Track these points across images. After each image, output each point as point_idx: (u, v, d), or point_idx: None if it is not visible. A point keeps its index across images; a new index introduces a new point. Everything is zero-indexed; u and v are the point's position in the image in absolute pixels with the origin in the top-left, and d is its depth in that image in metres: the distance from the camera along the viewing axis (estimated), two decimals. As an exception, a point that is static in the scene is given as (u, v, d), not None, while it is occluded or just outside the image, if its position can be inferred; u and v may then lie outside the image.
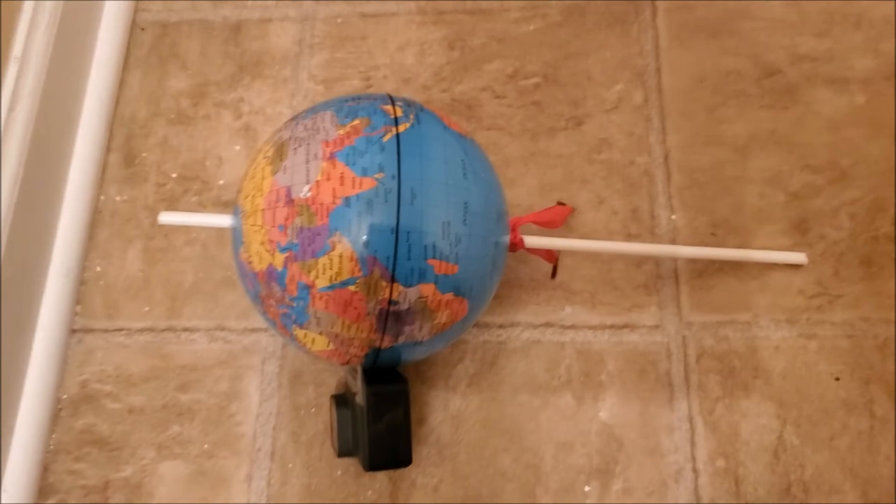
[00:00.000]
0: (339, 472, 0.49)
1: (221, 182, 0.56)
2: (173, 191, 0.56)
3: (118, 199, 0.56)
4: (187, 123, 0.58)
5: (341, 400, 0.46)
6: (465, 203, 0.38)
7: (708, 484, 0.48)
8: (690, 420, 0.50)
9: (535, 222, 0.49)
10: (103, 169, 0.57)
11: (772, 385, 0.50)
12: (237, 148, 0.57)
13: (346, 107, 0.40)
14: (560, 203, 0.54)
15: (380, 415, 0.41)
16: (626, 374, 0.51)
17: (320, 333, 0.39)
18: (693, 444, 0.49)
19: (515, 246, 0.45)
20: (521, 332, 0.52)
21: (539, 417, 0.50)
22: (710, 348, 0.51)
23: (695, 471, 0.49)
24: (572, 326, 0.52)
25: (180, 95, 0.59)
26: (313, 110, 0.41)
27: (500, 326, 0.52)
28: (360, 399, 0.42)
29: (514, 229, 0.45)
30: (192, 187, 0.56)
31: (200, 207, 0.55)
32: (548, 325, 0.52)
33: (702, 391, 0.50)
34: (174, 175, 0.56)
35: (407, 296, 0.37)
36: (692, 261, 0.53)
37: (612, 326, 0.52)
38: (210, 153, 0.57)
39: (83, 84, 0.58)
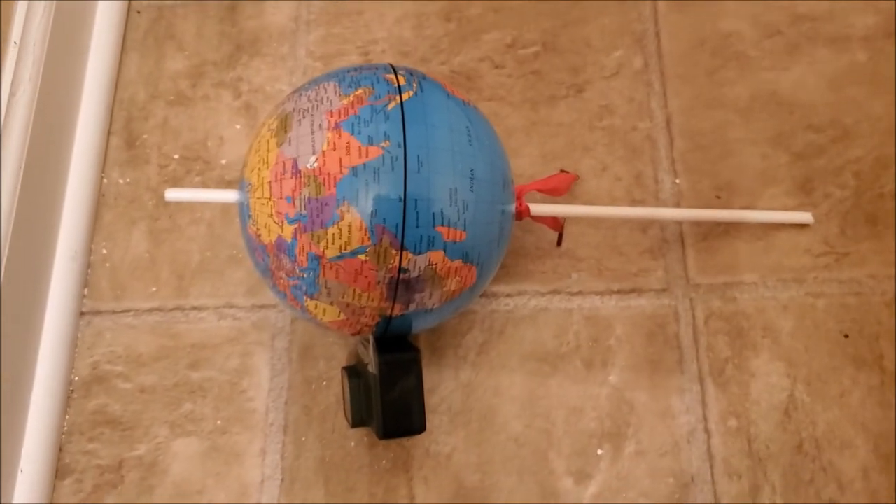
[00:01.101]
0: (352, 444, 0.49)
1: (223, 161, 0.56)
2: (176, 172, 0.56)
3: (121, 181, 0.56)
4: (187, 104, 0.58)
5: (353, 371, 0.46)
6: (472, 170, 0.38)
7: (720, 444, 0.48)
8: (701, 381, 0.50)
9: (539, 190, 0.49)
10: (105, 152, 0.57)
11: (781, 344, 0.50)
12: (238, 127, 0.57)
13: (349, 77, 0.40)
14: (563, 171, 0.54)
15: (392, 383, 0.41)
16: (635, 338, 0.51)
17: (331, 304, 0.39)
18: (704, 404, 0.49)
19: (521, 214, 0.45)
20: (528, 301, 0.52)
21: (549, 383, 0.50)
22: (718, 310, 0.51)
23: (707, 431, 0.49)
24: (579, 293, 0.52)
25: (178, 77, 0.59)
26: (315, 82, 0.41)
27: (508, 296, 0.52)
28: (372, 368, 0.42)
29: (519, 197, 0.45)
30: (195, 168, 0.56)
31: (204, 187, 0.55)
32: (555, 292, 0.52)
33: (711, 352, 0.50)
34: (176, 156, 0.56)
35: (416, 263, 0.37)
36: (697, 224, 0.53)
37: (619, 292, 0.52)
38: (211, 133, 0.57)
39: (82, 68, 0.58)
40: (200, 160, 0.56)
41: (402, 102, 0.38)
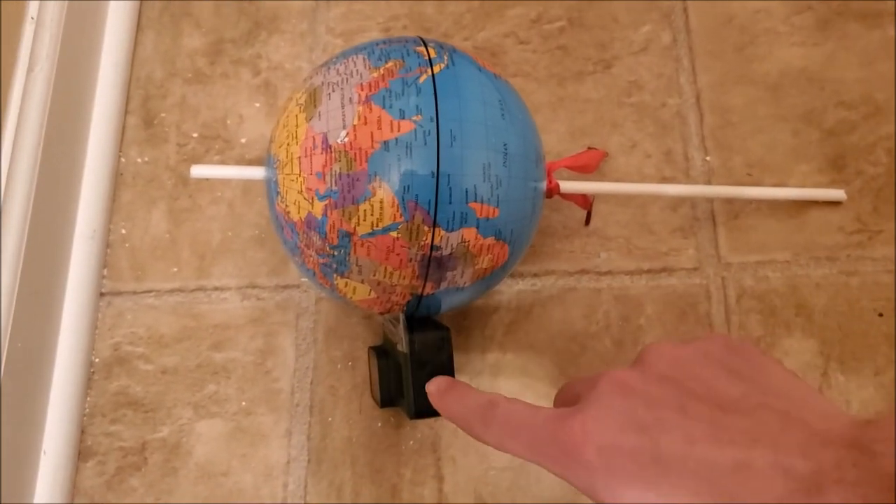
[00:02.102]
0: (379, 424, 0.48)
1: (243, 140, 0.55)
2: (195, 150, 0.55)
3: (139, 160, 0.55)
4: (205, 82, 0.57)
5: (380, 350, 0.45)
6: (505, 144, 0.37)
7: (753, 423, 0.47)
8: (733, 360, 0.49)
9: (568, 167, 0.48)
10: (122, 131, 0.56)
11: (814, 323, 0.49)
12: (257, 105, 0.56)
13: (378, 49, 0.39)
14: (591, 148, 0.53)
15: (424, 362, 0.41)
16: (666, 317, 0.50)
17: (362, 282, 0.38)
18: (736, 384, 0.48)
19: (551, 191, 0.44)
20: (556, 281, 0.51)
21: (578, 363, 0.49)
22: (750, 288, 0.50)
23: (739, 411, 0.48)
24: (608, 272, 0.51)
25: (196, 54, 0.58)
26: (344, 55, 0.40)
27: (535, 275, 0.51)
28: (401, 347, 0.41)
29: (549, 174, 0.44)
30: (214, 146, 0.55)
31: (224, 166, 0.54)
32: (583, 272, 0.51)
33: (743, 331, 0.49)
34: (195, 135, 0.55)
35: (449, 240, 0.36)
36: (728, 202, 0.52)
37: (649, 271, 0.51)
38: (230, 111, 0.56)
39: (98, 46, 0.57)
40: (220, 139, 0.55)
41: (433, 75, 0.37)
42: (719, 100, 0.55)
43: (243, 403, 0.49)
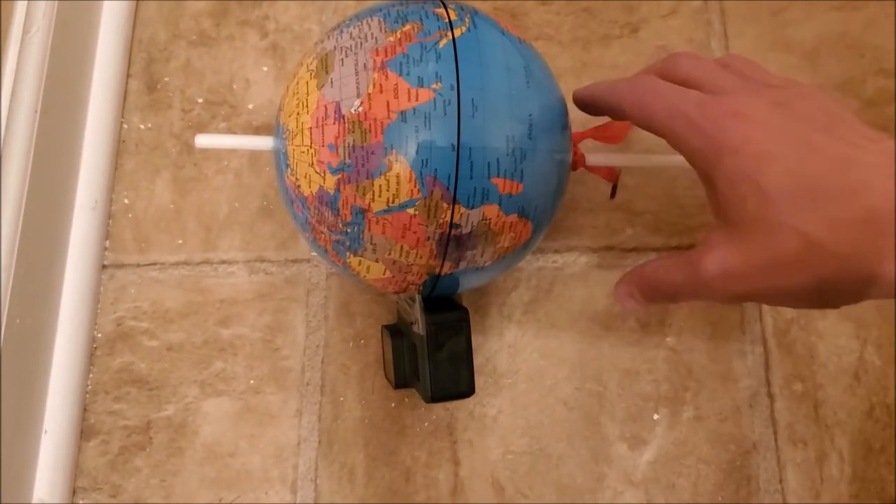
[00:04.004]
0: (392, 405, 0.46)
1: (251, 106, 0.52)
2: (200, 117, 0.52)
3: (142, 127, 0.52)
4: (210, 45, 0.54)
5: (394, 330, 0.43)
6: (530, 114, 0.34)
7: (785, 409, 0.45)
8: (764, 343, 0.47)
9: (595, 137, 0.46)
10: (124, 96, 0.53)
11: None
12: (265, 69, 0.53)
13: (394, 11, 0.36)
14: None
15: (440, 344, 0.38)
16: (694, 297, 0.48)
17: (376, 261, 0.36)
18: (767, 367, 0.46)
19: (576, 163, 0.42)
20: (578, 257, 0.49)
21: (601, 344, 0.47)
22: (783, 267, 0.48)
23: (770, 395, 0.46)
24: (634, 249, 0.49)
25: (200, 15, 0.55)
26: (357, 17, 0.37)
27: (556, 252, 0.49)
28: (418, 329, 0.39)
29: (574, 145, 0.42)
30: (220, 112, 0.52)
31: (230, 133, 0.52)
32: (608, 248, 0.49)
33: (775, 312, 0.47)
34: (200, 100, 0.52)
35: (469, 218, 0.34)
36: (761, 175, 0.49)
37: (677, 247, 0.49)
38: (237, 76, 0.53)
39: (97, 6, 0.54)
40: (226, 104, 0.52)
41: (453, 39, 0.34)
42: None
43: (251, 382, 0.47)
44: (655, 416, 0.46)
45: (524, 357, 0.47)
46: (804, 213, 0.25)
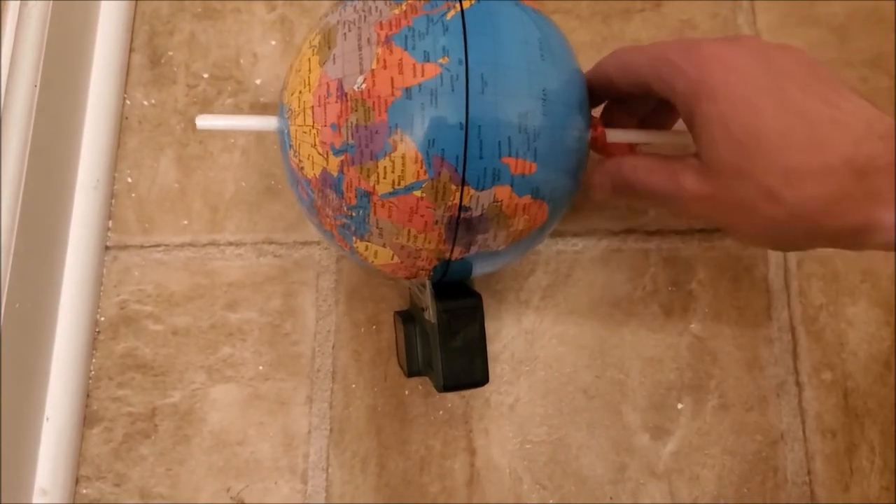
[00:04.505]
0: (406, 392, 0.45)
1: (258, 81, 0.50)
2: (206, 93, 0.50)
3: (145, 103, 0.50)
4: (216, 18, 0.52)
5: (406, 316, 0.41)
6: (544, 90, 0.32)
7: (813, 398, 0.44)
8: (792, 330, 0.45)
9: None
10: (127, 71, 0.51)
11: (880, 290, 0.45)
12: (273, 43, 0.51)
13: None
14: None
15: (453, 332, 0.37)
16: (719, 283, 0.46)
17: (384, 246, 0.34)
18: (795, 355, 0.45)
19: (596, 140, 0.40)
20: (598, 241, 0.47)
21: (622, 331, 0.45)
22: (812, 251, 0.46)
23: (798, 384, 0.44)
24: (657, 232, 0.47)
25: (206, -13, 0.53)
26: None
27: (575, 235, 0.47)
28: (429, 316, 0.38)
29: (594, 122, 0.40)
30: (227, 88, 0.50)
31: (237, 110, 0.50)
32: (629, 231, 0.47)
33: (803, 298, 0.45)
34: (205, 75, 0.50)
35: (479, 200, 0.32)
36: (789, 155, 0.48)
37: (701, 231, 0.47)
38: (243, 50, 0.51)
39: (97, -24, 0.52)
40: (232, 80, 0.50)
41: (462, 11, 0.32)
42: (780, 42, 0.50)
43: (260, 368, 0.45)
44: (679, 406, 0.44)
45: (542, 344, 0.46)
46: (765, 163, 0.27)
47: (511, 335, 0.46)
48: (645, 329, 0.45)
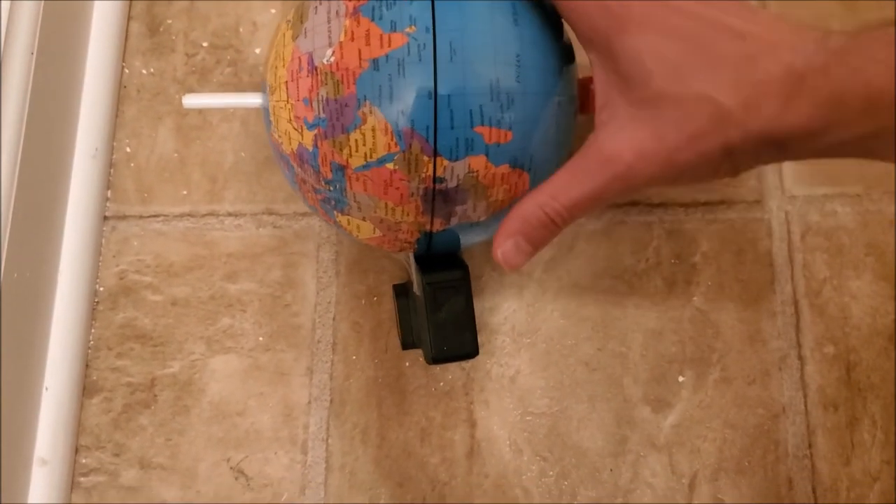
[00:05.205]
0: (406, 364, 0.44)
1: (258, 50, 0.50)
2: (205, 61, 0.50)
3: (144, 71, 0.50)
4: (215, -14, 0.51)
5: (401, 290, 0.41)
6: (517, 55, 0.31)
7: (815, 372, 0.44)
8: (795, 303, 0.45)
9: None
10: (125, 39, 0.50)
11: (886, 263, 0.45)
12: (273, 11, 0.50)
13: None
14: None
15: (438, 305, 0.36)
16: (723, 256, 0.45)
17: (363, 219, 0.33)
18: (798, 329, 0.44)
19: (586, 107, 0.39)
20: (601, 213, 0.47)
21: (625, 304, 0.45)
22: (817, 224, 0.46)
23: (800, 358, 0.44)
24: (661, 205, 0.46)
25: (204, -45, 0.52)
26: None
27: (578, 206, 0.47)
28: (416, 289, 0.37)
29: (585, 87, 0.39)
30: (226, 57, 0.50)
31: (236, 79, 0.49)
32: (633, 203, 0.47)
33: (807, 271, 0.45)
34: (205, 44, 0.50)
35: (454, 171, 0.31)
36: (795, 128, 0.47)
37: (706, 203, 0.46)
38: (243, 18, 0.50)
39: (95, -58, 0.51)
40: (232, 49, 0.50)
41: None
42: (785, 13, 0.49)
43: (260, 339, 0.45)
44: (680, 379, 0.44)
45: (544, 316, 0.45)
46: (709, 80, 0.26)
47: (513, 308, 0.45)
48: (647, 302, 0.45)
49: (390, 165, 0.30)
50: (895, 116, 0.25)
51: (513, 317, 0.45)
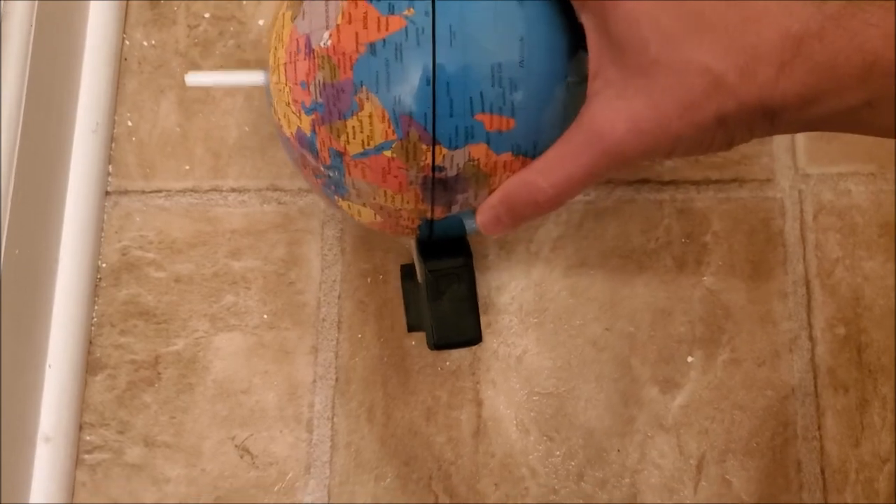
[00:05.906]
0: (413, 343, 0.44)
1: (261, 22, 0.49)
2: (207, 33, 0.48)
3: (145, 43, 0.49)
4: (217, -44, 0.50)
5: (408, 271, 0.41)
6: (521, 38, 0.30)
7: (826, 353, 0.43)
8: (807, 284, 0.44)
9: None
10: (126, 10, 0.49)
11: (899, 244, 0.44)
12: (277, -17, 0.49)
13: None
14: None
15: (440, 292, 0.36)
16: (734, 235, 0.45)
17: (363, 205, 0.32)
18: (809, 310, 0.44)
19: None
20: (611, 191, 0.46)
21: (634, 283, 0.45)
22: (830, 203, 0.45)
23: (811, 339, 0.43)
24: (672, 182, 0.46)
25: (206, -77, 0.51)
26: None
27: (587, 184, 0.46)
28: (418, 276, 0.37)
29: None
30: (229, 29, 0.49)
31: (239, 51, 0.48)
32: (643, 181, 0.46)
33: (819, 251, 0.44)
34: (207, 15, 0.49)
35: (453, 160, 0.30)
36: (810, 105, 0.46)
37: (717, 181, 0.46)
38: (246, -10, 0.49)
39: None
40: (234, 20, 0.49)
41: None
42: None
43: (265, 317, 0.45)
44: (689, 359, 0.44)
45: (552, 296, 0.45)
46: (704, 46, 0.26)
47: (520, 287, 0.45)
48: (657, 281, 0.44)
49: (388, 153, 0.30)
50: (889, 83, 0.24)
51: (520, 296, 0.45)
